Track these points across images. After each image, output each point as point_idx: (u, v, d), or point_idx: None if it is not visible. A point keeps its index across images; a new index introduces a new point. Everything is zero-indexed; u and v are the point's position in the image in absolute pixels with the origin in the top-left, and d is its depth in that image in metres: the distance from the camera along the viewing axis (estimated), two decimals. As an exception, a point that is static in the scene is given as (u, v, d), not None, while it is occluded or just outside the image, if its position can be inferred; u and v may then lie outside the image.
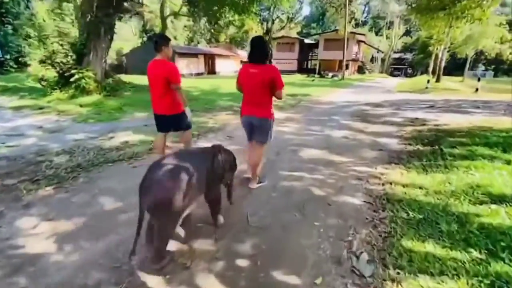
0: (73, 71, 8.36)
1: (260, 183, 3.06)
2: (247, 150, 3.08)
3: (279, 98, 2.75)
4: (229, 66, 37.76)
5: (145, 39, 33.56)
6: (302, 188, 3.03)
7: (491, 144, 4.23)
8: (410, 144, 4.64)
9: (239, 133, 5.15)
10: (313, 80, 22.99)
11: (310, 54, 38.66)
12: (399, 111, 7.82)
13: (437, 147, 4.36)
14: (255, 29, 25.00)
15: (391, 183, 3.12)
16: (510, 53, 29.60)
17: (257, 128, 2.81)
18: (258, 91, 2.65)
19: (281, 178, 3.28)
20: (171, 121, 3.18)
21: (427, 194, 2.81)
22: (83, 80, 8.38)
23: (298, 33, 53.68)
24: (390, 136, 5.17)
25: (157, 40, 2.99)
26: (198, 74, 31.27)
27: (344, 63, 24.15)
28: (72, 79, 8.34)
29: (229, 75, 31.94)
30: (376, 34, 57.67)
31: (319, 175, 3.36)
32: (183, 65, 30.00)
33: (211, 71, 34.03)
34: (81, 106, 7.63)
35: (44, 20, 16.89)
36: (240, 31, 25.04)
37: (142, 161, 3.71)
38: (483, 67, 44.31)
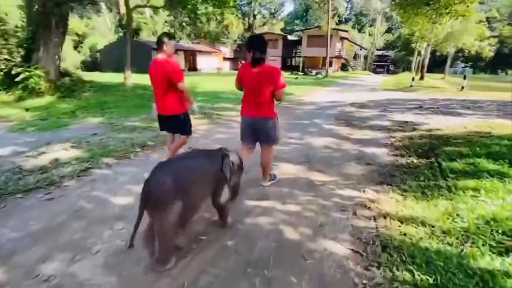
0: (19, 70, 7.25)
1: (272, 180, 3.08)
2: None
3: (279, 98, 2.70)
4: (211, 63, 36.57)
5: (121, 34, 31.87)
6: (269, 228, 2.27)
7: (494, 155, 3.64)
8: (402, 156, 4.00)
9: (208, 141, 4.37)
10: (296, 78, 22.37)
11: (294, 51, 38.08)
12: (386, 113, 7.24)
13: (433, 159, 3.73)
14: (235, 24, 23.99)
15: (384, 217, 2.42)
16: (489, 50, 30.25)
17: (263, 131, 2.78)
18: (259, 91, 2.62)
19: (243, 212, 2.51)
20: (172, 122, 3.18)
21: (433, 236, 2.12)
22: (32, 80, 7.29)
23: (282, 30, 53.08)
24: (379, 145, 4.52)
25: (158, 39, 2.96)
26: (178, 72, 29.81)
27: (328, 60, 23.62)
28: (18, 79, 7.23)
29: (210, 72, 30.86)
30: (359, 31, 57.92)
31: (294, 205, 2.62)
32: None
33: (192, 68, 32.74)
34: (27, 110, 6.57)
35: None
36: (220, 25, 23.90)
37: (65, 190, 2.84)
38: (462, 64, 45.27)
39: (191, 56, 33.08)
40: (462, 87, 12.46)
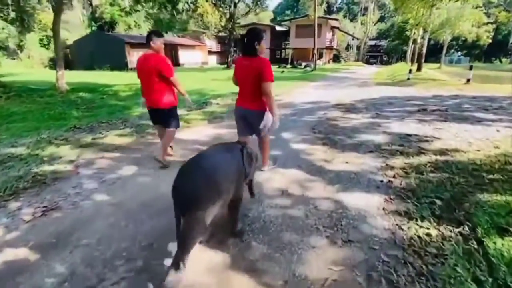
0: None
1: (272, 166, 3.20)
2: None
3: (265, 93, 2.58)
4: (195, 57, 34.38)
5: (94, 28, 29.42)
6: None
7: None
8: (408, 216, 2.27)
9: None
10: (282, 72, 20.51)
11: (283, 42, 36.05)
12: (380, 120, 5.48)
13: (467, 228, 2.02)
14: (211, 12, 21.81)
15: None
16: (487, 37, 28.62)
17: (252, 123, 2.83)
18: (249, 83, 2.65)
19: None
20: (160, 115, 3.26)
21: None
22: None
23: (271, 21, 50.79)
24: (369, 188, 2.78)
25: (146, 36, 3.05)
26: (156, 67, 27.67)
27: (316, 52, 21.69)
28: None
29: (193, 68, 28.76)
30: (351, 20, 55.89)
31: None
32: (138, 57, 26.53)
33: (173, 63, 30.36)
34: None
35: None
36: (194, 14, 21.72)
37: None
38: (458, 53, 43.73)
39: (172, 51, 30.87)
40: (468, 80, 10.72)
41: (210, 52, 38.94)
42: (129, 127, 5.15)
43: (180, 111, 3.85)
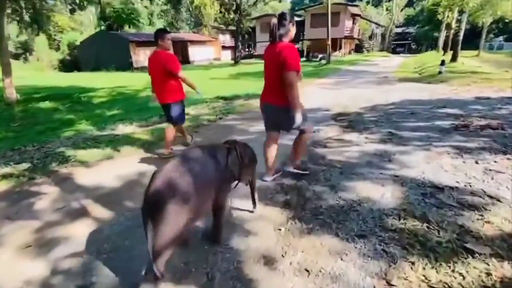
0: None
1: (303, 170, 2.83)
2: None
3: (287, 84, 2.26)
4: (207, 53, 32.94)
5: (103, 27, 28.78)
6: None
7: None
8: None
9: None
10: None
11: (301, 34, 33.54)
12: (393, 147, 3.53)
13: None
14: (209, 4, 19.97)
15: None
16: (536, 18, 24.37)
17: (278, 119, 2.57)
18: (272, 73, 2.41)
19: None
20: (169, 109, 3.43)
21: None
22: None
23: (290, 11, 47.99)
24: None
25: (154, 34, 3.28)
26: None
27: (329, 42, 19.21)
28: None
29: (200, 65, 27.32)
30: (375, 7, 51.62)
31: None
32: (144, 56, 25.53)
33: (183, 60, 29.23)
34: None
35: None
36: (192, 7, 20.09)
37: None
38: (500, 38, 38.68)
39: (181, 47, 29.64)
40: None
41: (224, 47, 37.30)
42: (29, 161, 3.66)
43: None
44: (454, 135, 3.74)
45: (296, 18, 33.88)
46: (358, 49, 38.50)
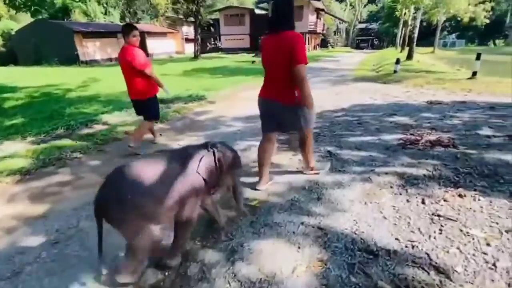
0: None
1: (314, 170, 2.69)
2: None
3: (298, 79, 2.04)
4: (167, 46, 30.94)
5: (45, 15, 25.70)
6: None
7: None
8: None
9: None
10: (253, 62, 17.64)
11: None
12: (327, 177, 2.81)
13: None
14: None
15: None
16: (485, 17, 25.81)
17: (282, 119, 2.31)
18: (277, 67, 2.14)
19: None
20: (139, 106, 3.46)
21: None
22: None
23: (255, 4, 46.88)
24: None
25: (121, 29, 3.20)
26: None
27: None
28: None
29: (162, 58, 25.50)
30: (340, 2, 52.25)
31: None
32: (94, 48, 23.21)
33: (140, 54, 26.94)
34: None
35: None
36: None
37: None
38: (453, 35, 40.90)
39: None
40: (474, 73, 7.97)
41: (187, 40, 35.27)
42: None
43: None
44: (401, 156, 3.12)
45: (262, 12, 33.02)
46: (324, 44, 38.68)
